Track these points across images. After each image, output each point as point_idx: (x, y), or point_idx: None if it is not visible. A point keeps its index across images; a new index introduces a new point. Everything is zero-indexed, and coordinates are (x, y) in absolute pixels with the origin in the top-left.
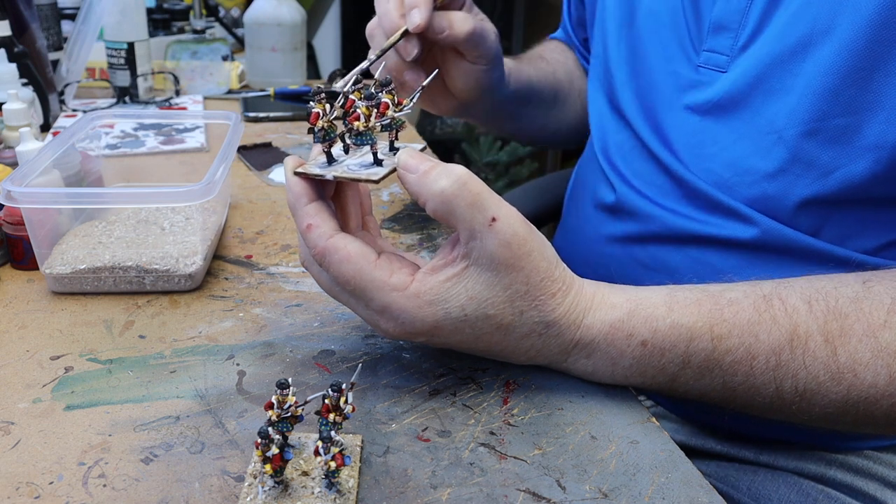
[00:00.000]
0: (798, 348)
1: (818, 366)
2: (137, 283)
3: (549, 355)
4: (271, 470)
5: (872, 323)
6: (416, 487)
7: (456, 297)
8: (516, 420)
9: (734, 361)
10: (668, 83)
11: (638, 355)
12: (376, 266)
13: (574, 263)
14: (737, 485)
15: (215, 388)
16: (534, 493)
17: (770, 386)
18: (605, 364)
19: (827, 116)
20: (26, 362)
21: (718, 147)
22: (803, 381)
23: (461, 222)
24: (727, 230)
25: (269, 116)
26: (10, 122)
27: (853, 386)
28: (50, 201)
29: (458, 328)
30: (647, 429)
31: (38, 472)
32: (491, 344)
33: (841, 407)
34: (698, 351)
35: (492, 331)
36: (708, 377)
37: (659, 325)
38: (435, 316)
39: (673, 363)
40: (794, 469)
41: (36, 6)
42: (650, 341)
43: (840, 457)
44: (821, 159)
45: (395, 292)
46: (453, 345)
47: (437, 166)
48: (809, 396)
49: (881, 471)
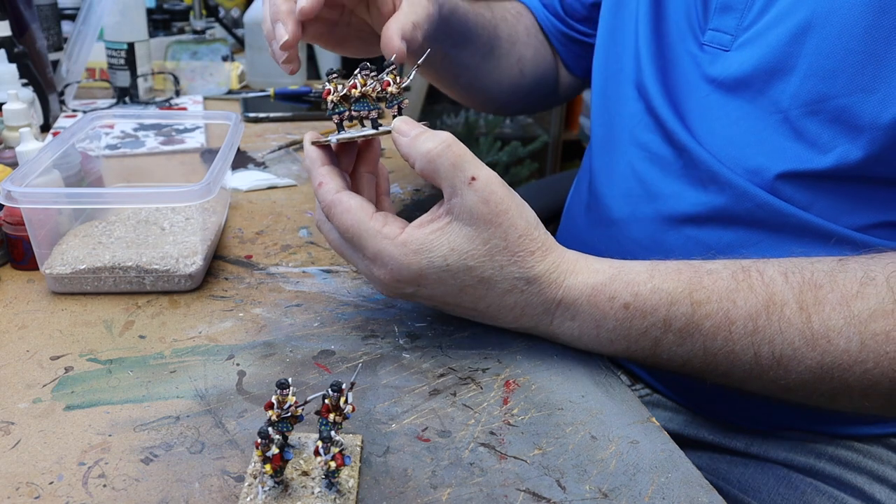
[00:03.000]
0: (774, 314)
1: (793, 332)
2: (137, 283)
3: (533, 315)
4: (271, 470)
5: (846, 293)
6: (416, 487)
7: (439, 248)
8: (516, 420)
9: (713, 326)
10: (686, 59)
11: (621, 318)
12: (373, 218)
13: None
14: (727, 477)
15: (215, 388)
16: (534, 493)
17: (748, 351)
18: (590, 326)
19: (827, 97)
20: (26, 362)
21: (724, 122)
22: (779, 346)
23: (444, 180)
24: (722, 203)
25: (269, 117)
26: (10, 122)
27: (827, 352)
28: (50, 201)
29: (442, 278)
30: (647, 429)
31: (38, 472)
32: (476, 299)
33: (816, 373)
34: (679, 315)
35: (474, 283)
36: (689, 342)
37: (640, 289)
38: (420, 264)
39: (655, 327)
40: (784, 461)
41: (36, 6)
42: (632, 304)
43: (830, 449)
44: (821, 138)
45: (385, 240)
46: (439, 299)
47: (426, 131)
48: (786, 362)
49: (870, 464)
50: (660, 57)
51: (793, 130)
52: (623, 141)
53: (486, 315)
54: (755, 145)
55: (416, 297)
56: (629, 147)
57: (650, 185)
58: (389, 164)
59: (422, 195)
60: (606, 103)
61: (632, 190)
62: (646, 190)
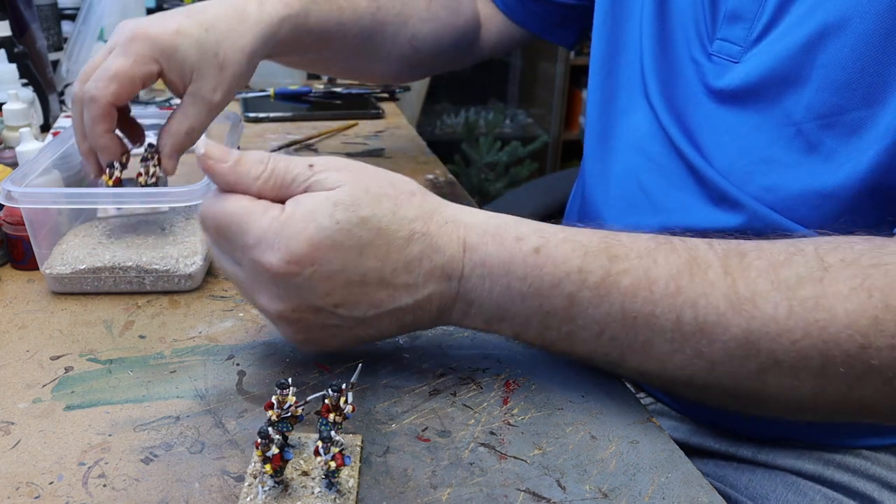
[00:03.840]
0: (697, 276)
1: (717, 295)
2: (137, 283)
3: (443, 262)
4: (271, 470)
5: (773, 261)
6: (416, 487)
7: (322, 207)
8: (516, 420)
9: (633, 285)
10: (689, 68)
11: (531, 264)
12: (251, 201)
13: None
14: (734, 484)
15: (215, 388)
16: (534, 493)
17: (671, 315)
18: (499, 271)
19: (843, 110)
20: (26, 362)
21: (732, 136)
22: (703, 310)
23: (287, 174)
24: (735, 223)
25: (269, 117)
26: (10, 122)
27: (753, 317)
28: (50, 201)
29: (337, 241)
30: (647, 429)
31: (38, 472)
32: (381, 260)
33: (742, 343)
34: (595, 268)
35: (372, 238)
36: (607, 302)
37: (550, 237)
38: (308, 231)
39: (569, 279)
40: (792, 468)
41: (36, 6)
42: (542, 249)
43: (838, 457)
44: (836, 152)
45: (266, 216)
46: (338, 272)
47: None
48: (710, 329)
49: (879, 471)
50: (665, 67)
51: (807, 144)
52: (623, 148)
53: (402, 284)
54: (767, 161)
55: (315, 295)
56: (632, 155)
57: (654, 196)
58: (388, 165)
59: None
60: (605, 109)
61: (632, 199)
62: (650, 201)
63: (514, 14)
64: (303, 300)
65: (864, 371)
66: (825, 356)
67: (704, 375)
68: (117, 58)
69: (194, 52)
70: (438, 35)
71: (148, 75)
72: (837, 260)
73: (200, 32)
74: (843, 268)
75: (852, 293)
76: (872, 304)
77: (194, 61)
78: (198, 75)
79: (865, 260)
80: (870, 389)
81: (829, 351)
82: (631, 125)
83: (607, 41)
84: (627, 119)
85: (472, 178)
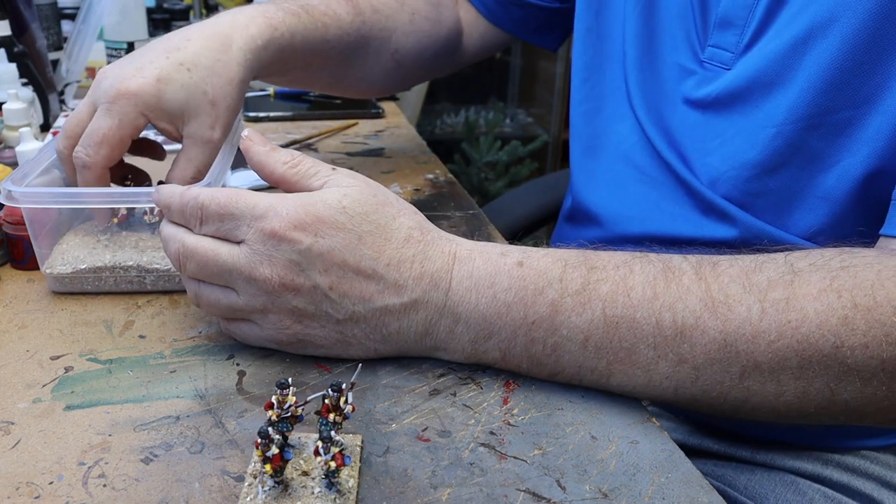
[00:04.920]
0: (673, 282)
1: (693, 299)
2: (138, 282)
3: (433, 270)
4: (271, 470)
5: (744, 267)
6: (416, 487)
7: (332, 193)
8: (516, 420)
9: (611, 291)
10: (672, 75)
11: (515, 275)
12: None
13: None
14: (734, 483)
15: (215, 388)
16: (534, 493)
17: (651, 319)
18: (485, 283)
19: (829, 111)
20: (26, 362)
21: (719, 142)
22: (681, 313)
23: (315, 165)
24: (715, 232)
25: (269, 116)
26: (10, 122)
27: (728, 319)
28: (50, 201)
29: (340, 222)
30: (647, 429)
31: (38, 472)
32: (377, 250)
33: (722, 345)
34: (575, 277)
35: (372, 230)
36: (589, 309)
37: (531, 253)
38: (315, 206)
39: (552, 287)
40: (791, 468)
41: (36, 6)
42: (525, 262)
43: (837, 456)
44: (823, 153)
45: (276, 194)
46: (336, 249)
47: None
48: (689, 333)
49: (878, 471)
50: (649, 75)
51: (787, 146)
52: (611, 158)
53: (391, 275)
54: (749, 165)
55: (313, 268)
56: (621, 166)
57: (644, 208)
58: (388, 164)
59: (422, 195)
60: (591, 117)
61: (622, 210)
62: (641, 212)
63: (496, 19)
64: (301, 270)
65: (842, 371)
66: (801, 357)
67: (690, 386)
68: (103, 120)
69: (181, 96)
70: (422, 47)
71: (136, 130)
72: (807, 264)
73: (183, 74)
74: (813, 271)
75: (821, 294)
76: (842, 304)
77: (183, 105)
78: (190, 117)
79: (835, 263)
80: (851, 391)
81: (804, 351)
82: (619, 133)
83: (593, 48)
84: (614, 127)
85: (472, 178)
